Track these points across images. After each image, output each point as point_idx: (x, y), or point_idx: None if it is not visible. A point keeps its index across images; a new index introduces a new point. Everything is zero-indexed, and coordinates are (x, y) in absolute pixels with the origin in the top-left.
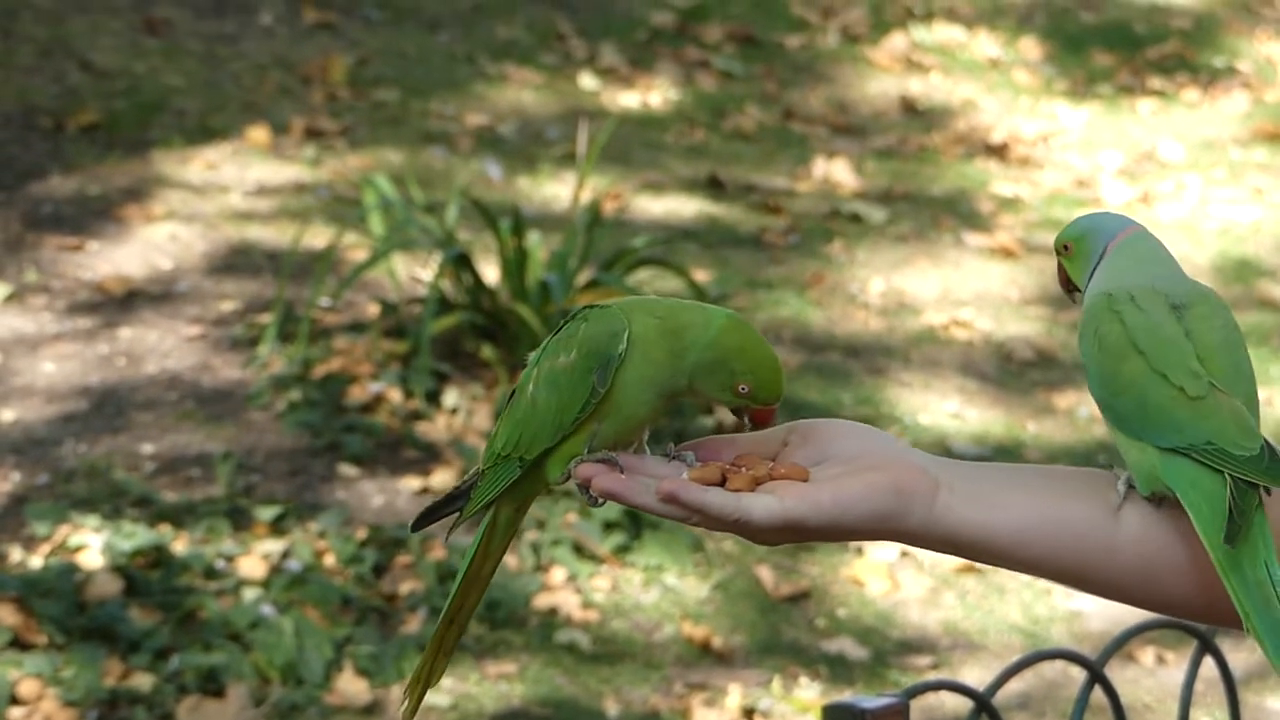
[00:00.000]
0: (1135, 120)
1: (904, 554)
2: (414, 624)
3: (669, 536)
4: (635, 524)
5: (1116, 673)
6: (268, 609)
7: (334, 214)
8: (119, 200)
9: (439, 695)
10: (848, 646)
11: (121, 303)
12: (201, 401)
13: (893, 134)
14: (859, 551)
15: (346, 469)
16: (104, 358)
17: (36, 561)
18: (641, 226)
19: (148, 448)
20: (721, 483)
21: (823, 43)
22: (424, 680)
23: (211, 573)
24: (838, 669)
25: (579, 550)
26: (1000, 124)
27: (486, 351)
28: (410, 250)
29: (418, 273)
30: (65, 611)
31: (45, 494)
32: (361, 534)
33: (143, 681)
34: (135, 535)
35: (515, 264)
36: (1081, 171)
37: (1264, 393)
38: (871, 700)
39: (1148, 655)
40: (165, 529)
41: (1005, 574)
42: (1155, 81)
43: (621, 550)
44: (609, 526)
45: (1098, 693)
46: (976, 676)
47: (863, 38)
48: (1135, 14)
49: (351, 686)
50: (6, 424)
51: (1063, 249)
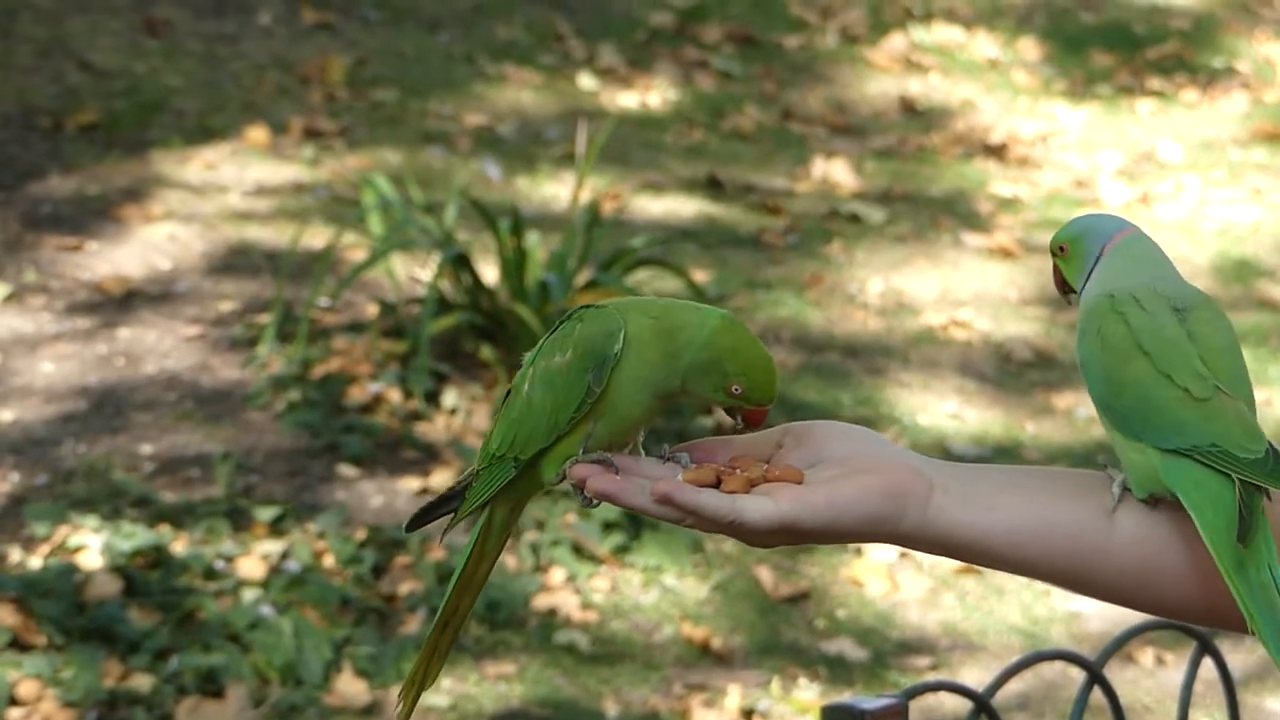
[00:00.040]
0: (1134, 121)
1: (903, 555)
2: (413, 624)
3: (668, 537)
4: (634, 525)
5: (1116, 673)
6: (267, 609)
7: (333, 214)
8: (118, 200)
9: (438, 696)
10: (847, 647)
11: (120, 303)
12: (200, 402)
13: (892, 134)
14: (858, 552)
15: (346, 469)
16: (103, 358)
17: (36, 562)
18: (640, 227)
19: (147, 448)
20: (716, 484)
21: (821, 43)
22: (419, 683)
23: (211, 573)
24: (837, 670)
25: (578, 551)
26: (999, 124)
27: (485, 352)
28: (409, 250)
29: (417, 273)
30: (64, 612)
31: (44, 494)
32: (361, 534)
33: (142, 682)
34: (134, 536)
35: (514, 264)
36: (1080, 172)
37: (1264, 393)
38: (871, 701)
39: (1147, 656)
40: (164, 529)
41: (1004, 575)
42: (1154, 82)
43: (621, 551)
44: (608, 527)
45: (1097, 693)
46: (976, 677)
47: (862, 38)
48: (1134, 14)
49: (350, 687)
50: (5, 424)
51: (1058, 250)
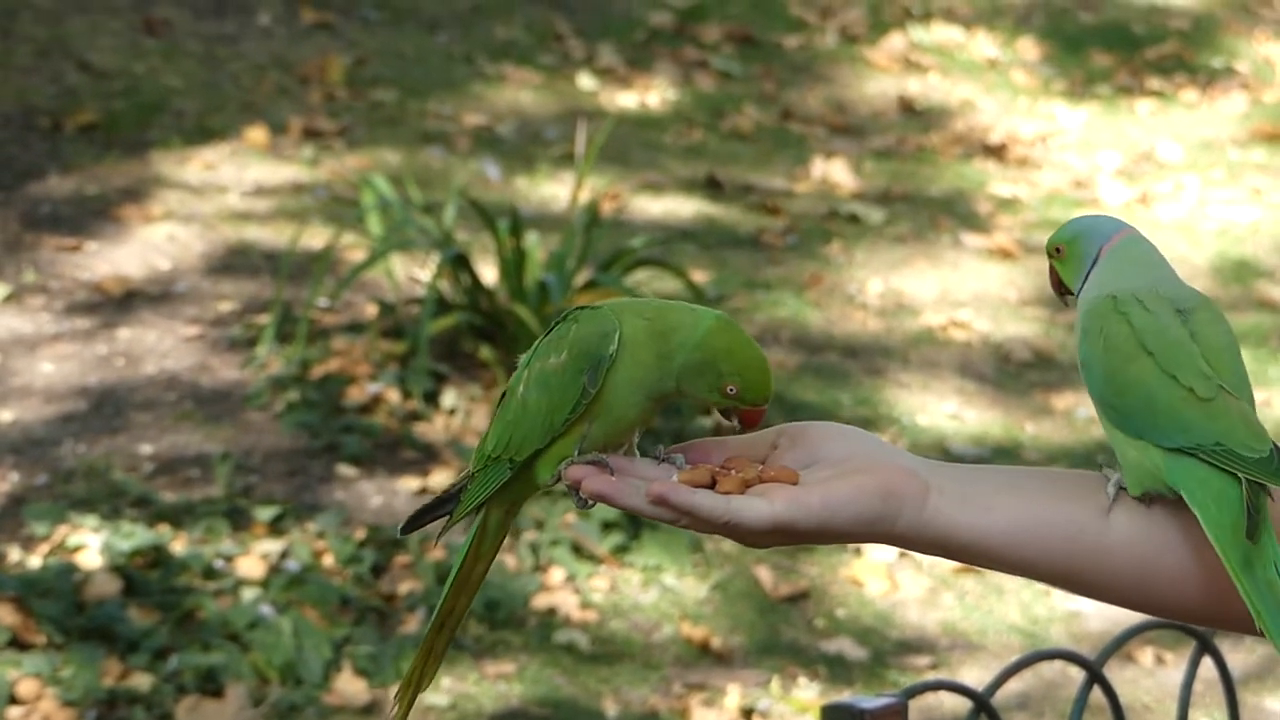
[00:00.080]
0: (1133, 121)
1: (902, 555)
2: (412, 624)
3: (668, 537)
4: (634, 525)
5: (1115, 673)
6: (266, 609)
7: (332, 214)
8: (117, 200)
9: (438, 695)
10: (847, 647)
11: (120, 303)
12: (200, 402)
13: (891, 134)
14: (858, 552)
15: (345, 469)
16: (102, 358)
17: (35, 561)
18: (640, 227)
19: (146, 448)
20: (711, 485)
21: (821, 43)
22: (414, 685)
23: (210, 573)
24: (836, 669)
25: (578, 550)
26: (998, 124)
27: (485, 352)
28: (408, 250)
29: (416, 273)
30: (64, 611)
31: (44, 494)
32: (360, 534)
33: (141, 681)
34: (134, 535)
35: (513, 264)
36: (1080, 172)
37: (1263, 394)
38: (870, 700)
39: (1147, 656)
40: (164, 529)
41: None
42: (1153, 82)
43: (620, 550)
44: (607, 527)
45: (1096, 693)
46: (975, 677)
47: (861, 38)
48: (1134, 14)
49: (350, 686)
50: (5, 424)
51: (1054, 251)
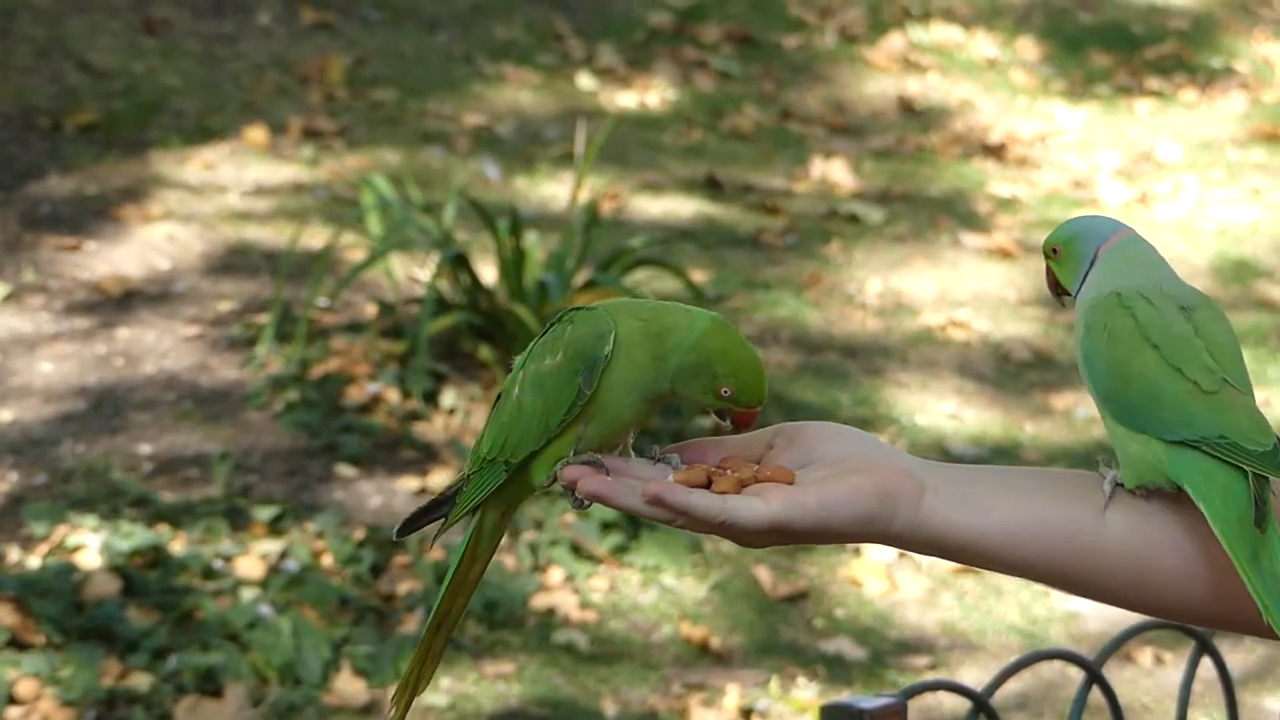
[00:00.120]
0: (1133, 121)
1: (901, 555)
2: (411, 624)
3: (667, 537)
4: (633, 525)
5: (1114, 673)
6: (265, 609)
7: (332, 214)
8: (117, 200)
9: (437, 695)
10: (846, 647)
11: (119, 303)
12: (199, 402)
13: (890, 134)
14: (857, 552)
15: (344, 469)
16: (102, 358)
17: (34, 561)
18: (639, 227)
19: (145, 448)
20: (707, 485)
21: (820, 43)
22: (412, 686)
23: (209, 573)
24: (835, 669)
25: (577, 550)
26: (998, 124)
27: (484, 352)
28: (408, 250)
29: (415, 273)
30: (63, 611)
31: (43, 494)
32: (359, 534)
33: (140, 681)
34: (133, 535)
35: (513, 264)
36: (1079, 172)
37: (1263, 393)
38: (869, 700)
39: (1146, 656)
40: (163, 529)
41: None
42: (1153, 82)
43: (619, 551)
44: (607, 527)
45: (1096, 693)
46: (974, 677)
47: (860, 38)
48: (1133, 14)
49: (349, 686)
50: (4, 424)
51: (1051, 252)
